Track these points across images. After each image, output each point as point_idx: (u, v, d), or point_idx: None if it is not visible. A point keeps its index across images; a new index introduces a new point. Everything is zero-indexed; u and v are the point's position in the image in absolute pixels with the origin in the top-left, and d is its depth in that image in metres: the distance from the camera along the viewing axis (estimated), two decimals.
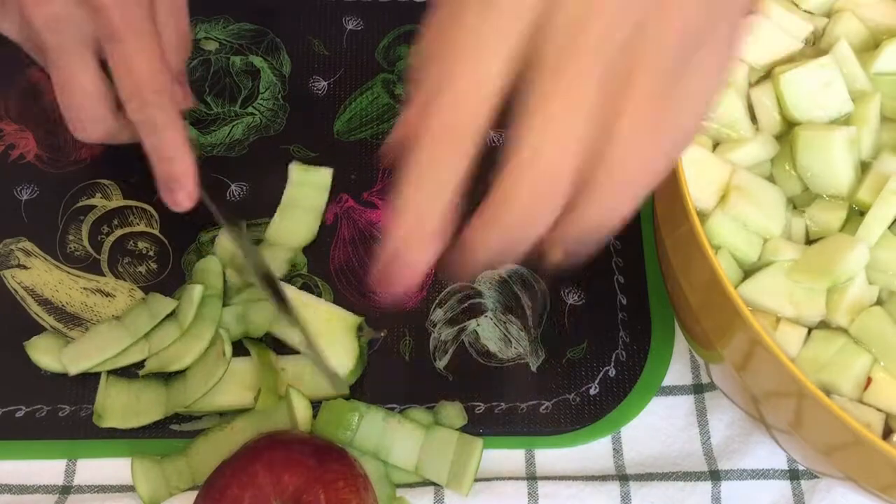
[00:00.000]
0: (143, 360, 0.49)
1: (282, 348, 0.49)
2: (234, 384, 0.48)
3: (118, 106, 0.43)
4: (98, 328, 0.49)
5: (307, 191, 0.53)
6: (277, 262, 0.50)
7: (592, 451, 0.48)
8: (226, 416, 0.48)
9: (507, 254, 0.29)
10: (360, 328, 0.49)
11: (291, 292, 0.50)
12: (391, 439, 0.46)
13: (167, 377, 0.48)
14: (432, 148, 0.27)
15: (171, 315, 0.49)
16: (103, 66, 0.43)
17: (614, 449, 0.48)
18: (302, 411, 0.46)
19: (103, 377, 0.48)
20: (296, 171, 0.53)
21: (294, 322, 0.46)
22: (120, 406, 0.47)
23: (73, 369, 0.48)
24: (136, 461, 0.46)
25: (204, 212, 0.52)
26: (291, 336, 0.48)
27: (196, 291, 0.48)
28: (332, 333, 0.49)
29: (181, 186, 0.44)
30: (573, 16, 0.25)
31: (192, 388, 0.47)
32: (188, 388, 0.48)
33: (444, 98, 0.27)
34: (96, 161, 0.54)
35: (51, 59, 0.42)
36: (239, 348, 0.49)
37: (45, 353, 0.49)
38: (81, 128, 0.44)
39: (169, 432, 0.47)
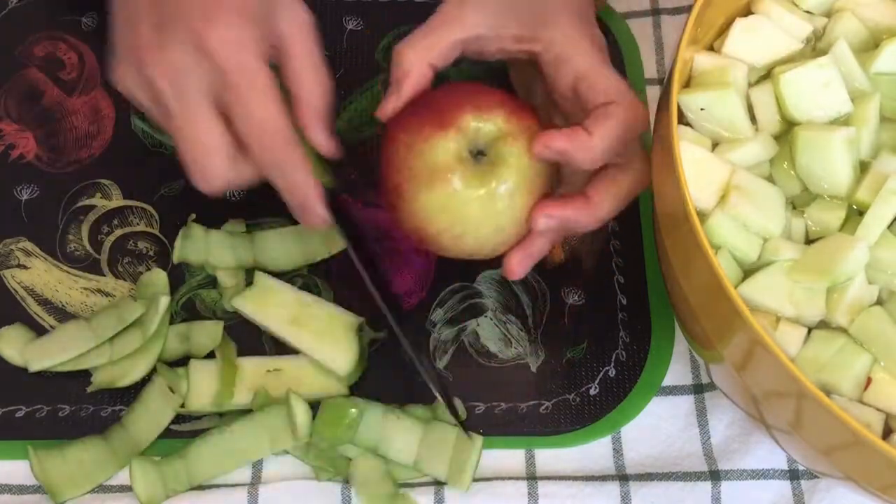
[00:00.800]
0: (90, 377, 0.48)
1: (282, 348, 0.49)
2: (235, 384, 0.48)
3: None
4: (65, 327, 0.49)
5: None
6: None
7: (592, 452, 0.48)
8: (226, 416, 0.48)
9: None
10: (360, 329, 0.49)
11: (291, 293, 0.50)
12: (391, 434, 0.46)
13: (102, 431, 0.47)
14: None
15: (137, 322, 0.49)
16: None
17: (614, 449, 0.48)
18: (301, 415, 0.46)
19: (31, 455, 0.46)
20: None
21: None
22: (67, 477, 0.46)
23: (34, 366, 0.48)
24: (134, 463, 0.46)
25: (206, 213, 0.52)
26: (296, 337, 0.49)
27: (163, 301, 0.48)
28: (332, 334, 0.49)
29: (313, 215, 0.43)
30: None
31: (139, 433, 0.47)
32: (133, 435, 0.47)
33: None
34: (96, 161, 0.54)
35: (172, 112, 0.40)
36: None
37: (10, 345, 0.49)
38: (204, 181, 0.42)
39: (169, 432, 0.47)
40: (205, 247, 0.51)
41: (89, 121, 0.55)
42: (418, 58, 0.43)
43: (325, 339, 0.48)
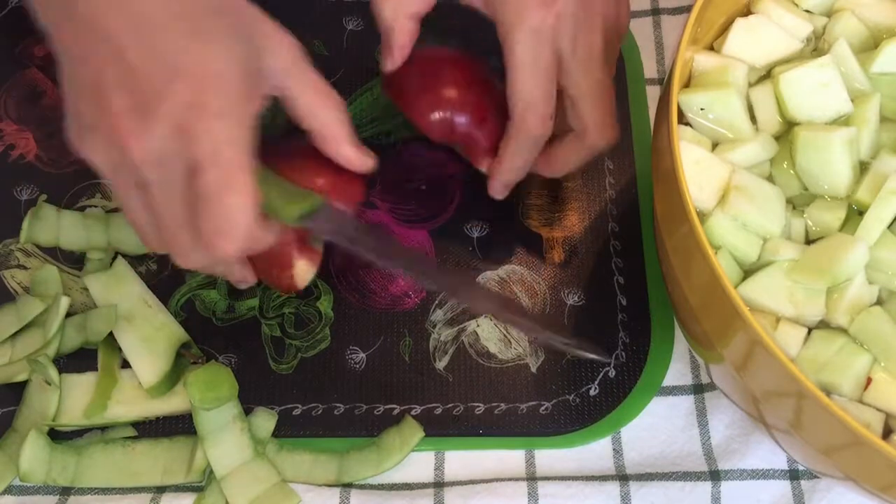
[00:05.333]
0: None
1: (281, 349, 0.49)
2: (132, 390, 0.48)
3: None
4: None
5: None
6: None
7: (592, 452, 0.48)
8: (107, 430, 0.47)
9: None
10: (185, 346, 0.49)
11: (138, 288, 0.50)
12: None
13: None
14: None
15: (37, 322, 0.48)
16: None
17: (614, 449, 0.48)
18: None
19: None
20: None
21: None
22: None
23: None
24: (33, 433, 0.44)
25: None
26: (122, 334, 0.48)
27: (63, 302, 0.47)
28: (154, 342, 0.48)
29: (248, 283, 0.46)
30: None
31: (25, 428, 0.46)
32: (21, 431, 0.46)
33: None
34: None
35: (151, 196, 0.38)
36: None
37: None
38: (181, 262, 0.41)
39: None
40: (56, 227, 0.51)
41: None
42: (394, 9, 0.42)
43: (145, 344, 0.47)
